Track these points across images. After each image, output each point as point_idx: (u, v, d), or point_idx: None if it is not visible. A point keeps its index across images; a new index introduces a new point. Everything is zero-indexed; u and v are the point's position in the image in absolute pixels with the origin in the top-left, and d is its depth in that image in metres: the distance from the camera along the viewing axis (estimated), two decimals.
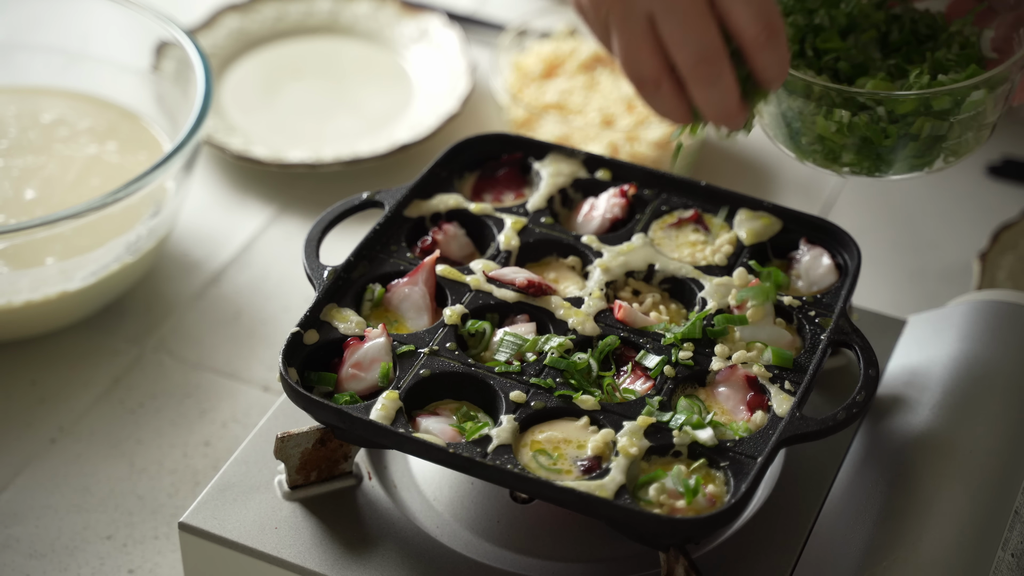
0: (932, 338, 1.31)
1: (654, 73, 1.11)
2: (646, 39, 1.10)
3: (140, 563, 1.32)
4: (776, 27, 1.09)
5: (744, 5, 1.08)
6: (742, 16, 1.08)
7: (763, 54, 1.10)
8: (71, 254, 1.47)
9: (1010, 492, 1.18)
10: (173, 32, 1.61)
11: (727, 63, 1.10)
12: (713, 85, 1.10)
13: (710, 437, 1.12)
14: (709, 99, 1.11)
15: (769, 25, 1.09)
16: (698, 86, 1.11)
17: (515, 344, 1.19)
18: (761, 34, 1.08)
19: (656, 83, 1.12)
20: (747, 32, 1.08)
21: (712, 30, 1.08)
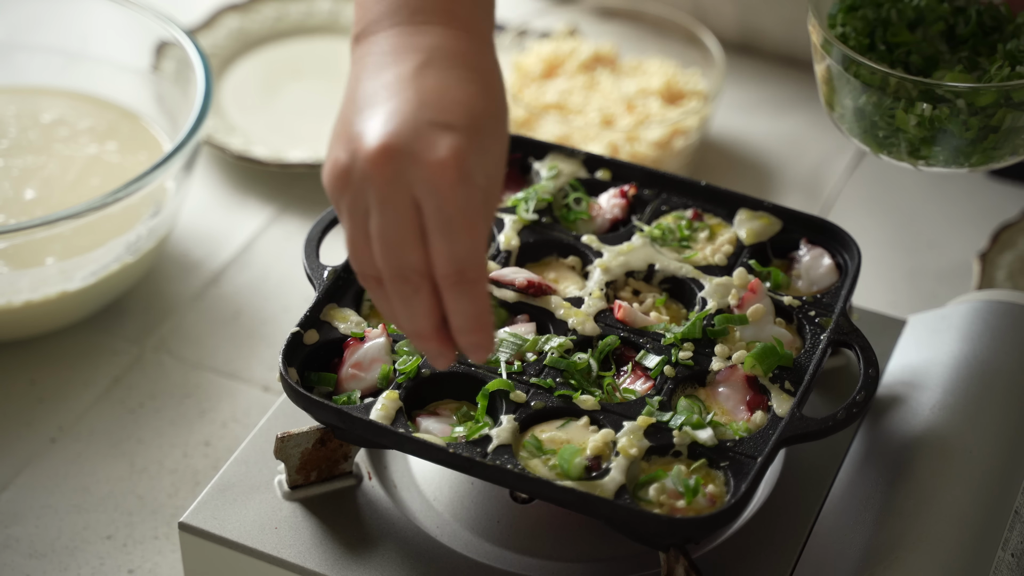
0: (932, 338, 1.31)
1: (370, 270, 1.03)
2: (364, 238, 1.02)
3: (140, 563, 1.32)
4: (469, 276, 1.00)
5: (443, 240, 1.00)
6: (438, 250, 1.00)
7: (451, 300, 1.01)
8: (71, 254, 1.47)
9: (1010, 492, 1.18)
10: (173, 32, 1.61)
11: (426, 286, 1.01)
12: (405, 302, 1.02)
13: (710, 437, 1.12)
14: (402, 313, 1.03)
15: (462, 272, 1.00)
16: (394, 298, 1.03)
17: (515, 344, 1.19)
18: (449, 276, 1.00)
19: (376, 280, 1.04)
20: (438, 268, 1.01)
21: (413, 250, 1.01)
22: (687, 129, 1.67)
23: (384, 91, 1.03)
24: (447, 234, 0.99)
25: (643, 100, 1.71)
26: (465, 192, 0.99)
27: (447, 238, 0.99)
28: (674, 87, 1.73)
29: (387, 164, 0.99)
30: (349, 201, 1.02)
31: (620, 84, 1.74)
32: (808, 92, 1.83)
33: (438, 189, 0.99)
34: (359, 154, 1.01)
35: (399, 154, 0.99)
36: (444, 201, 0.99)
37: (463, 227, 0.99)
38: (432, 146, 0.99)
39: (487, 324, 1.02)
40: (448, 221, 0.99)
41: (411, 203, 1.00)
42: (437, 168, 0.99)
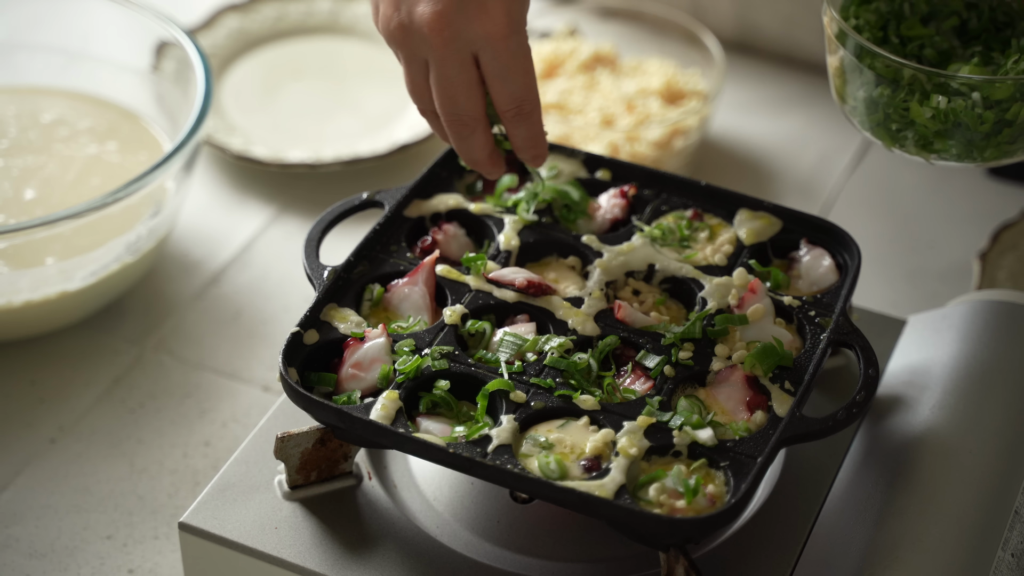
0: (932, 338, 1.31)
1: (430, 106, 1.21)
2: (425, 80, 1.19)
3: (140, 563, 1.32)
4: (526, 109, 1.19)
5: (502, 84, 1.17)
6: (499, 92, 1.18)
7: (513, 128, 1.20)
8: (71, 254, 1.47)
9: (1010, 492, 1.18)
10: (173, 32, 1.61)
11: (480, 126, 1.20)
12: (463, 140, 1.20)
13: (710, 437, 1.12)
14: (460, 148, 1.21)
15: (520, 106, 1.19)
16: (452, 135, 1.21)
17: (515, 344, 1.19)
18: (510, 111, 1.19)
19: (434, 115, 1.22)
20: (500, 107, 1.19)
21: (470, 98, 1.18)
22: (687, 129, 1.67)
23: None
24: (505, 79, 1.17)
25: (643, 100, 1.71)
26: (516, 40, 1.16)
27: (507, 81, 1.17)
28: (674, 87, 1.73)
29: (445, 27, 1.14)
30: (407, 52, 1.18)
31: (620, 84, 1.74)
32: (808, 92, 1.83)
33: (493, 43, 1.15)
34: (413, 16, 1.16)
35: (454, 17, 1.14)
36: (500, 51, 1.16)
37: (519, 70, 1.17)
38: (483, 6, 1.14)
39: (543, 140, 1.23)
40: (506, 68, 1.16)
41: (469, 57, 1.16)
42: (491, 25, 1.15)
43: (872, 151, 1.76)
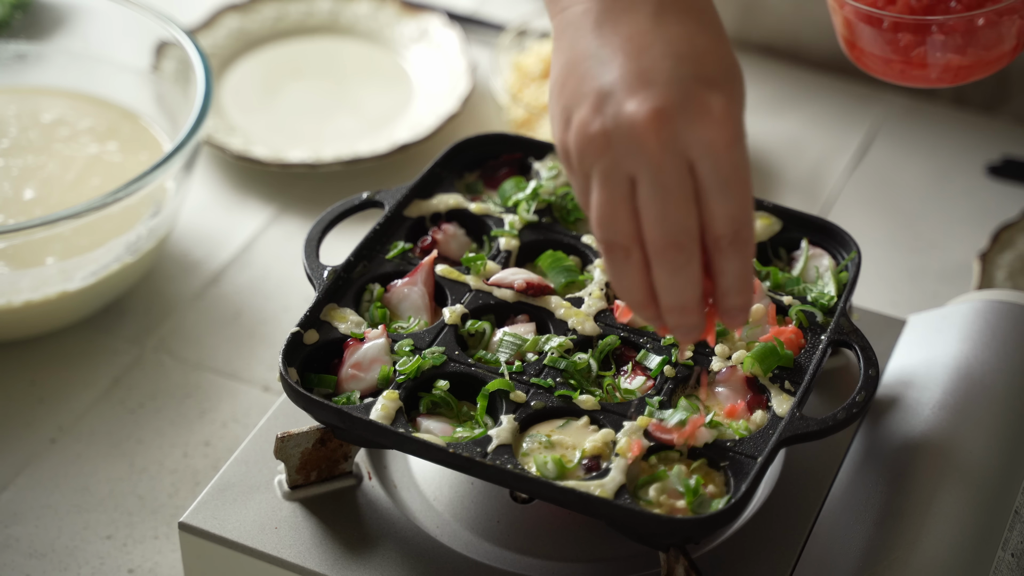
0: (932, 338, 1.31)
1: (625, 240, 0.99)
2: (625, 202, 0.99)
3: (140, 563, 1.32)
4: (743, 236, 0.99)
5: (721, 201, 0.98)
6: (715, 211, 0.98)
7: (725, 260, 1.00)
8: (71, 254, 1.47)
9: (1010, 492, 1.18)
10: (173, 32, 1.61)
11: (697, 249, 0.99)
12: (677, 272, 0.99)
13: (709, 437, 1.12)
14: (670, 285, 1.00)
15: (738, 232, 0.99)
16: (662, 268, 0.99)
17: (515, 344, 1.19)
18: (726, 236, 0.98)
19: (626, 251, 1.00)
20: (714, 231, 0.99)
21: (691, 214, 0.98)
22: None
23: (628, 43, 0.99)
24: (725, 194, 0.97)
25: None
26: (740, 152, 0.98)
27: (725, 198, 0.97)
28: None
29: (663, 128, 0.96)
30: (607, 166, 0.98)
31: None
32: (808, 91, 1.82)
33: (715, 150, 0.97)
34: (623, 117, 0.97)
35: (673, 116, 0.96)
36: (721, 161, 0.97)
37: (740, 186, 0.98)
38: (706, 106, 0.97)
39: (751, 287, 1.01)
40: (726, 182, 0.97)
41: (687, 166, 0.97)
42: (715, 130, 0.97)
43: (872, 151, 1.76)
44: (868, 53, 1.23)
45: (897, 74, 1.23)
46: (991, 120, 1.78)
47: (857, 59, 1.25)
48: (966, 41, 1.20)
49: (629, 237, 0.99)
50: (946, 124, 1.78)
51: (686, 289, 0.99)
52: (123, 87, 1.67)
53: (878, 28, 1.21)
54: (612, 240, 1.00)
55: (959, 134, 1.77)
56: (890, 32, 1.20)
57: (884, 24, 1.20)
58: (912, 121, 1.79)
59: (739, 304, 1.01)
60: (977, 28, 1.19)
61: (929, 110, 1.80)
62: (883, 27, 1.20)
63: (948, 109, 1.80)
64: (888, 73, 1.23)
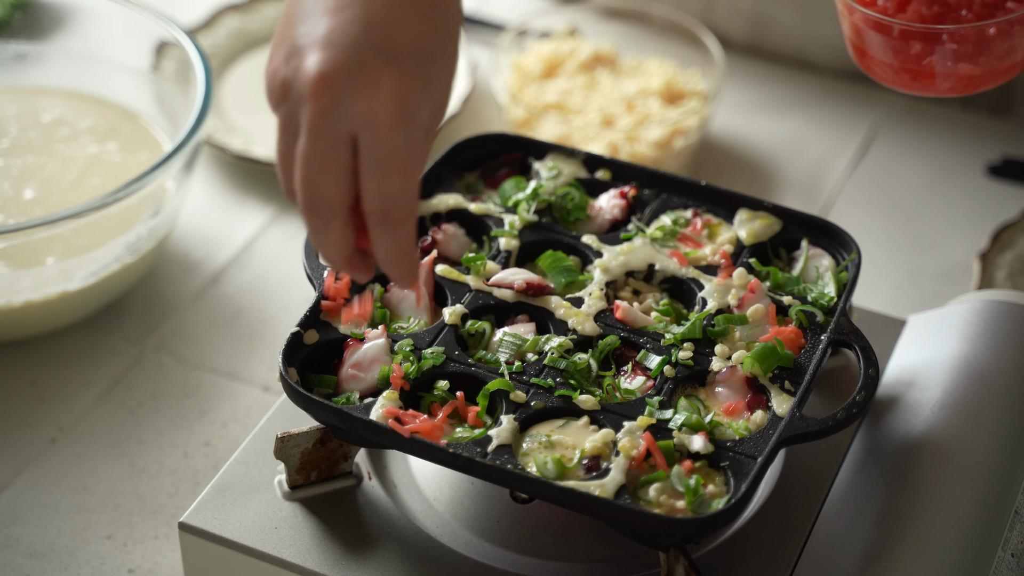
0: (932, 338, 1.31)
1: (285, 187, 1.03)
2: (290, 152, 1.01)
3: (140, 563, 1.32)
4: (395, 218, 0.99)
5: (373, 178, 0.98)
6: (367, 187, 0.98)
7: (376, 235, 1.00)
8: (71, 254, 1.47)
9: (1010, 492, 1.18)
10: (173, 32, 1.61)
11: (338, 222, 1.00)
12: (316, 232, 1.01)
13: (703, 445, 1.12)
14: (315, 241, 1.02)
15: (388, 211, 0.98)
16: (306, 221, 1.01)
17: (515, 344, 1.19)
18: (375, 213, 0.99)
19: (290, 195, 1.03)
20: (365, 204, 0.99)
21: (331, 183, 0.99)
22: (687, 129, 1.67)
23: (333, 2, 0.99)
24: (379, 174, 0.97)
25: (643, 100, 1.71)
26: (403, 133, 0.97)
27: (378, 178, 0.97)
28: (674, 87, 1.73)
29: (325, 93, 0.97)
30: (284, 115, 1.00)
31: (620, 84, 1.74)
32: (808, 92, 1.83)
33: (376, 128, 0.96)
34: (299, 73, 0.98)
35: (339, 84, 0.96)
36: (380, 140, 0.97)
37: (396, 169, 0.97)
38: (375, 82, 0.96)
39: (411, 259, 1.01)
40: (381, 160, 0.97)
41: (345, 136, 0.97)
42: (377, 107, 0.96)
43: (872, 151, 1.76)
44: (878, 61, 1.23)
45: (907, 83, 1.22)
46: (991, 120, 1.78)
47: (867, 68, 1.24)
48: (977, 50, 1.19)
49: (287, 184, 1.01)
50: (946, 124, 1.78)
51: (325, 247, 1.01)
52: (123, 87, 1.67)
53: (888, 36, 1.20)
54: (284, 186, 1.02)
55: (959, 134, 1.77)
56: (900, 40, 1.20)
57: (894, 32, 1.19)
58: (912, 121, 1.79)
59: (395, 274, 1.02)
60: (988, 37, 1.18)
61: (929, 110, 1.80)
62: (893, 35, 1.20)
63: (948, 110, 1.80)
64: (898, 82, 1.23)
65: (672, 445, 1.12)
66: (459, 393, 1.16)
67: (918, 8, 1.19)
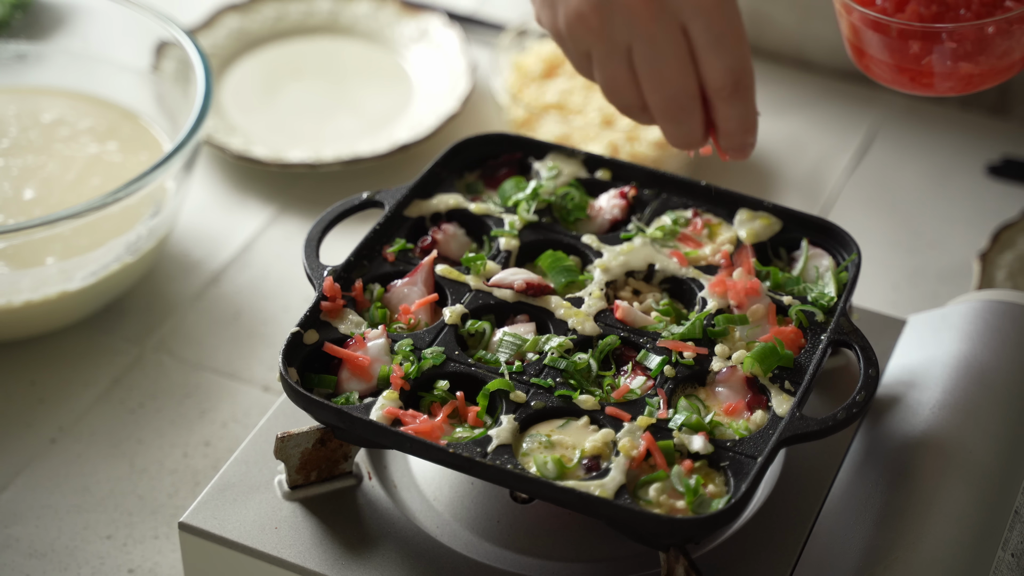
0: (932, 338, 1.31)
1: (637, 102, 1.14)
2: (626, 72, 1.12)
3: (140, 563, 1.32)
4: (744, 83, 1.11)
5: (716, 56, 1.09)
6: (713, 66, 1.10)
7: (728, 107, 1.12)
8: (71, 254, 1.47)
9: (1010, 492, 1.18)
10: (173, 32, 1.61)
11: (698, 105, 1.13)
12: (680, 125, 1.13)
13: (703, 446, 1.12)
14: (676, 134, 1.15)
15: (738, 81, 1.11)
16: (667, 124, 1.13)
17: (515, 344, 1.19)
18: (726, 87, 1.11)
19: (641, 109, 1.15)
20: (713, 83, 1.10)
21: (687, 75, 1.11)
22: None
23: None
24: (720, 49, 1.09)
25: None
26: (728, 9, 1.08)
27: (720, 53, 1.09)
28: None
29: None
30: (604, 40, 1.09)
31: None
32: (808, 92, 1.83)
33: (706, 10, 1.07)
34: None
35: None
36: (713, 20, 1.08)
37: (733, 40, 1.09)
38: None
39: (755, 125, 1.15)
40: (720, 37, 1.08)
41: (679, 30, 1.08)
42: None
43: (872, 151, 1.76)
44: (877, 61, 1.22)
45: (906, 83, 1.22)
46: (991, 120, 1.78)
47: (866, 68, 1.24)
48: (976, 49, 1.19)
49: (636, 101, 1.12)
50: (946, 124, 1.78)
51: (692, 132, 1.14)
52: (123, 87, 1.67)
53: (886, 35, 1.20)
54: (623, 103, 1.14)
55: (959, 134, 1.77)
56: (899, 40, 1.20)
57: (893, 31, 1.19)
58: (912, 121, 1.79)
59: (747, 141, 1.15)
60: (987, 36, 1.18)
61: (929, 110, 1.80)
62: (891, 34, 1.19)
63: (948, 110, 1.80)
64: (897, 81, 1.23)
65: (672, 445, 1.12)
66: (459, 393, 1.16)
67: (916, 7, 1.18)
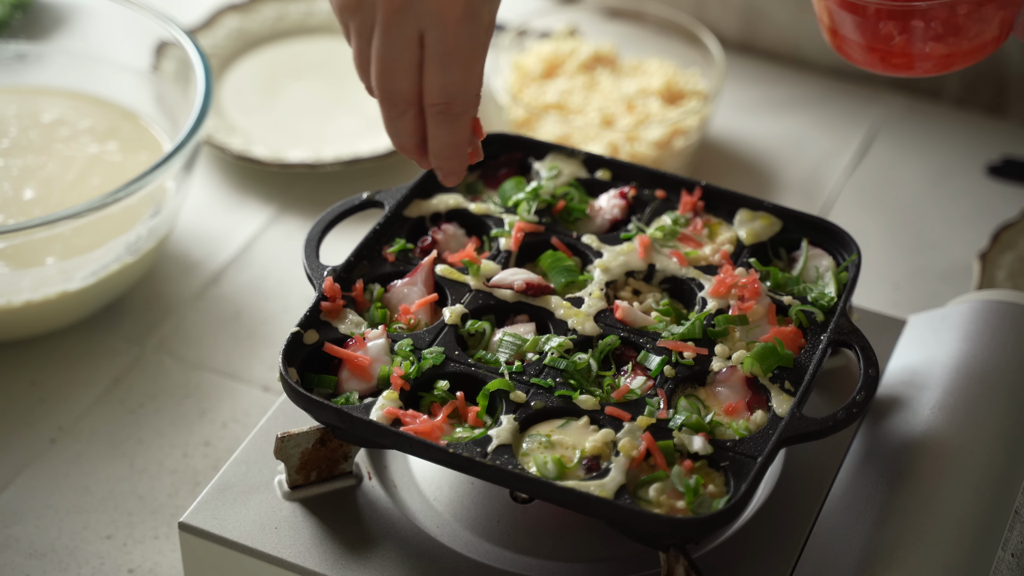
0: (932, 338, 1.31)
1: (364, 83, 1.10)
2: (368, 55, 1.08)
3: (140, 563, 1.32)
4: (454, 110, 1.07)
5: (438, 71, 1.06)
6: (431, 79, 1.06)
7: (433, 127, 1.09)
8: (71, 254, 1.47)
9: (1010, 492, 1.18)
10: (173, 32, 1.61)
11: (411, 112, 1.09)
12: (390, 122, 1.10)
13: (703, 446, 1.12)
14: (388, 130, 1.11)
15: (449, 103, 1.07)
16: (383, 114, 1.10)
17: (515, 344, 1.19)
18: (436, 105, 1.07)
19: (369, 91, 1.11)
20: (427, 96, 1.07)
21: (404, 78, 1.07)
22: (687, 129, 1.67)
23: None
24: (443, 67, 1.05)
25: (643, 100, 1.71)
26: (469, 28, 1.05)
27: (442, 70, 1.05)
28: (674, 87, 1.73)
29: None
30: (358, 22, 1.06)
31: (620, 84, 1.74)
32: (808, 92, 1.83)
33: (444, 22, 1.04)
34: None
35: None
36: (447, 35, 1.04)
37: (460, 62, 1.05)
38: None
39: (462, 154, 1.11)
40: (446, 54, 1.05)
41: (414, 32, 1.05)
42: (445, 3, 1.03)
43: (872, 151, 1.76)
44: (849, 41, 1.23)
45: (878, 62, 1.22)
46: (991, 120, 1.78)
47: (839, 48, 1.24)
48: (947, 30, 1.19)
49: (366, 83, 1.09)
50: (946, 124, 1.78)
51: (399, 136, 1.10)
52: (123, 87, 1.67)
53: (859, 16, 1.20)
54: (366, 85, 1.10)
55: (959, 134, 1.77)
56: (871, 20, 1.20)
57: (866, 12, 1.20)
58: (912, 121, 1.79)
59: (444, 168, 1.12)
60: (958, 16, 1.18)
61: (929, 110, 1.80)
62: (864, 15, 1.20)
63: (948, 109, 1.80)
64: (869, 62, 1.23)
65: (672, 445, 1.12)
66: (459, 393, 1.16)
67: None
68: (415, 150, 1.12)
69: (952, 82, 1.79)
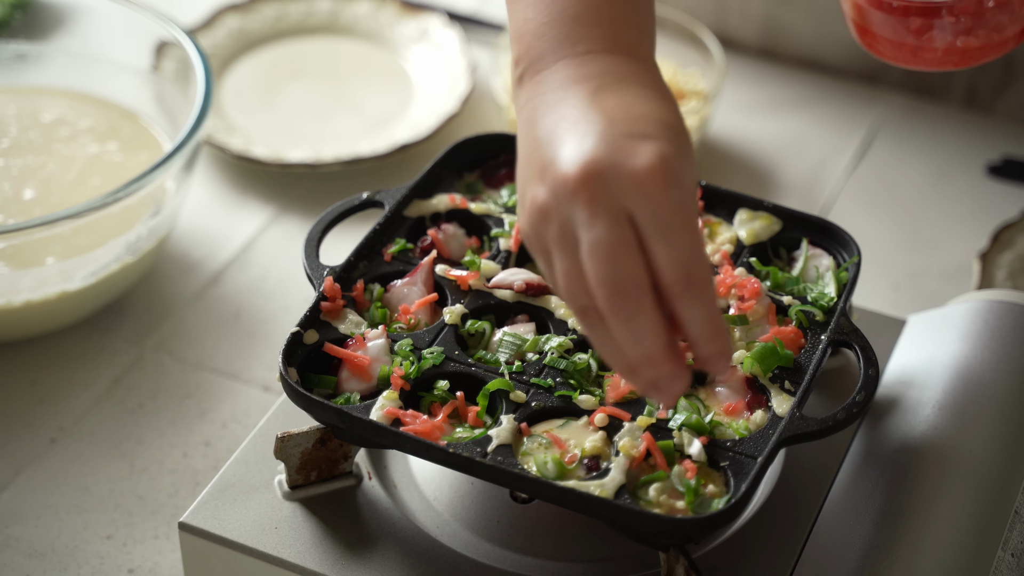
0: (932, 338, 1.31)
1: (590, 301, 0.98)
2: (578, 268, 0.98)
3: (140, 563, 1.32)
4: (697, 279, 0.96)
5: (665, 245, 0.95)
6: (661, 255, 0.96)
7: (684, 307, 0.96)
8: (71, 254, 1.47)
9: (1010, 492, 1.18)
10: (173, 32, 1.61)
11: (648, 297, 0.96)
12: (628, 323, 0.96)
13: (699, 452, 1.12)
14: (627, 338, 0.97)
15: (690, 275, 0.95)
16: (614, 322, 0.97)
17: (515, 344, 1.19)
18: (678, 281, 0.95)
19: (597, 314, 0.98)
20: (665, 275, 0.96)
21: (631, 262, 0.96)
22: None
23: (566, 121, 1.01)
24: (666, 238, 0.95)
25: None
26: (677, 194, 0.96)
27: (667, 242, 0.95)
28: (674, 87, 1.73)
29: (591, 181, 0.96)
30: (556, 233, 0.98)
31: None
32: (808, 92, 1.83)
33: (649, 195, 0.95)
34: (558, 182, 0.97)
35: (602, 168, 0.96)
36: (659, 205, 0.95)
37: (682, 228, 0.95)
38: (634, 154, 0.96)
39: (723, 329, 0.98)
40: (665, 225, 0.95)
41: (623, 215, 0.96)
42: (645, 173, 0.96)
43: (872, 151, 1.76)
44: (879, 37, 1.23)
45: (908, 57, 1.23)
46: (991, 120, 1.78)
47: (869, 45, 1.25)
48: (975, 23, 1.20)
49: (590, 296, 0.97)
50: (946, 124, 1.78)
51: (643, 338, 0.96)
52: (123, 87, 1.67)
53: (888, 12, 1.21)
54: (578, 304, 0.98)
55: (959, 134, 1.77)
56: (900, 15, 1.21)
57: (894, 7, 1.20)
58: (912, 121, 1.79)
59: (714, 351, 0.98)
60: (987, 10, 1.19)
61: (929, 110, 1.80)
62: (893, 10, 1.20)
63: (948, 109, 1.80)
64: (899, 57, 1.23)
65: (672, 445, 1.12)
66: (459, 393, 1.16)
67: None
68: (666, 353, 0.97)
69: (953, 82, 1.79)
